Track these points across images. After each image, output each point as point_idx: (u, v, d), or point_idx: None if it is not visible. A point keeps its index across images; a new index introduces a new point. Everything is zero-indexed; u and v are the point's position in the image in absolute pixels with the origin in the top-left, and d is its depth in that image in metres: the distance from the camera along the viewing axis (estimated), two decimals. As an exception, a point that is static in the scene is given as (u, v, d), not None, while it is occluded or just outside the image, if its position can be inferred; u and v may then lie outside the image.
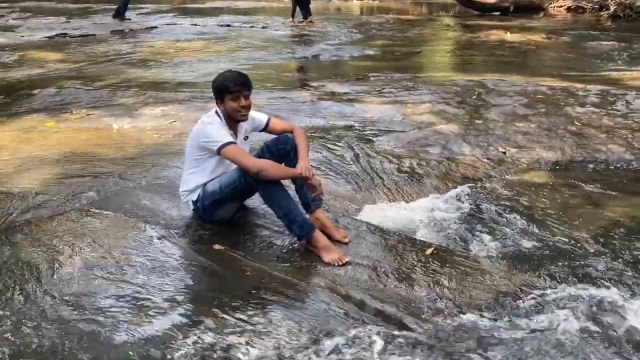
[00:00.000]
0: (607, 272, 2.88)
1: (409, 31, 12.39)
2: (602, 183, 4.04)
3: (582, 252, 3.10)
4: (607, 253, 3.10)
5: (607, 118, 5.08)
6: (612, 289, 2.68)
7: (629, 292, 2.67)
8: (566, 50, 9.62)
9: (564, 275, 2.86)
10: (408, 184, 3.96)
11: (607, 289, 2.68)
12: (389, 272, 2.74)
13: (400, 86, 6.51)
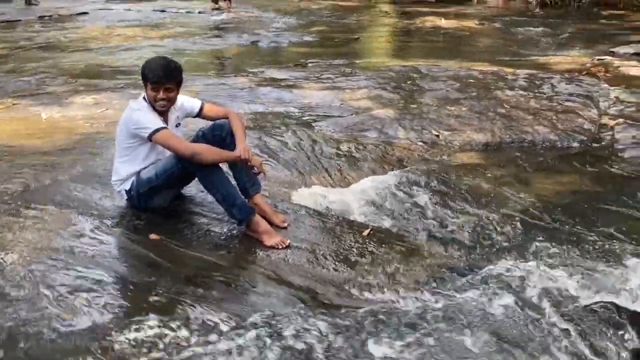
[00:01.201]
0: (536, 247, 3.06)
1: (347, 18, 12.46)
2: (529, 162, 4.25)
3: (512, 229, 3.27)
4: (536, 229, 3.28)
5: (534, 101, 5.33)
6: (541, 263, 2.84)
7: (556, 265, 2.84)
8: (497, 36, 9.97)
9: (496, 252, 3.02)
10: (346, 167, 4.02)
11: (537, 263, 2.84)
12: (327, 254, 2.79)
13: (339, 72, 6.57)
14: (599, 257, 2.94)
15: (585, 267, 2.85)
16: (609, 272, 2.80)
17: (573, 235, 3.18)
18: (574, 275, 2.76)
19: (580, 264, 2.86)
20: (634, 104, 5.41)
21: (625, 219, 3.38)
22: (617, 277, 2.73)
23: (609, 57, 7.50)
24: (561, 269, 2.81)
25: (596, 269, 2.82)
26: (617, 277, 2.73)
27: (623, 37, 9.35)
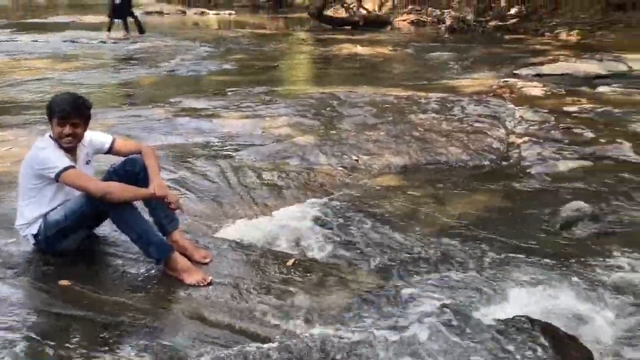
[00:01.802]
0: (454, 266, 3.16)
1: (265, 45, 12.57)
2: (444, 182, 4.43)
3: (432, 250, 3.36)
4: (453, 247, 3.39)
5: (445, 123, 5.57)
6: (459, 281, 2.94)
7: (476, 282, 2.95)
8: (410, 62, 10.41)
9: (416, 273, 3.09)
10: (269, 196, 4.00)
11: (455, 281, 2.93)
12: (251, 288, 2.73)
13: (259, 100, 6.58)
14: (512, 270, 3.09)
15: (501, 281, 2.99)
16: (523, 285, 2.94)
17: (487, 251, 3.31)
18: (490, 290, 2.88)
19: (494, 279, 2.98)
20: (537, 122, 5.78)
21: (533, 233, 3.57)
22: (529, 290, 2.87)
23: (512, 79, 8.02)
24: (477, 285, 2.93)
25: (511, 282, 2.96)
26: (530, 290, 2.87)
27: (524, 59, 10.04)
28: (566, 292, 2.88)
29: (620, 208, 3.93)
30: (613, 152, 4.96)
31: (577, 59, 9.51)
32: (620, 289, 2.92)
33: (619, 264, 3.17)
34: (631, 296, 2.85)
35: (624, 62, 9.15)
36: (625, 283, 2.97)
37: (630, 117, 5.90)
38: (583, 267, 3.13)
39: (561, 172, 4.57)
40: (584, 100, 6.73)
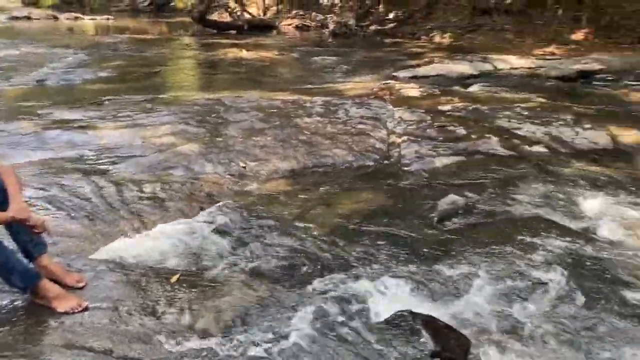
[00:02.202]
0: (341, 267, 3.21)
1: (147, 51, 12.08)
2: (331, 184, 4.50)
3: (319, 253, 3.39)
4: (341, 247, 3.45)
5: (330, 126, 5.68)
6: (345, 283, 2.99)
7: (364, 280, 3.02)
8: (296, 66, 10.52)
9: (304, 278, 3.10)
10: (151, 210, 3.82)
11: (342, 287, 2.98)
12: (132, 309, 2.58)
13: (139, 109, 6.28)
14: (397, 265, 3.21)
15: (387, 277, 3.09)
16: (407, 278, 3.06)
17: (373, 248, 3.42)
18: (377, 287, 2.97)
19: (381, 275, 3.07)
20: (415, 122, 6.07)
21: (414, 227, 3.74)
22: (413, 283, 2.99)
23: (392, 81, 8.38)
24: (365, 283, 3.00)
25: (396, 277, 3.07)
26: (413, 283, 3.00)
27: (402, 62, 10.54)
28: (447, 283, 3.04)
29: (490, 199, 4.24)
30: (483, 147, 5.34)
31: (450, 61, 10.14)
32: (496, 276, 3.13)
33: (492, 251, 3.40)
34: (507, 281, 3.07)
35: (490, 63, 9.91)
36: (499, 270, 3.20)
37: (497, 114, 6.38)
38: (459, 257, 3.32)
39: (437, 168, 4.83)
40: (457, 99, 7.19)
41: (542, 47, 11.84)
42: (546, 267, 3.18)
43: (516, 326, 2.67)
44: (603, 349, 2.53)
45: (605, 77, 9.30)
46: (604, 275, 3.15)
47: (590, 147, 5.54)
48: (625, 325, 2.70)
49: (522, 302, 2.87)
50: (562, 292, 2.95)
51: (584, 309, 2.83)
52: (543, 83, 8.74)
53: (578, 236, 3.59)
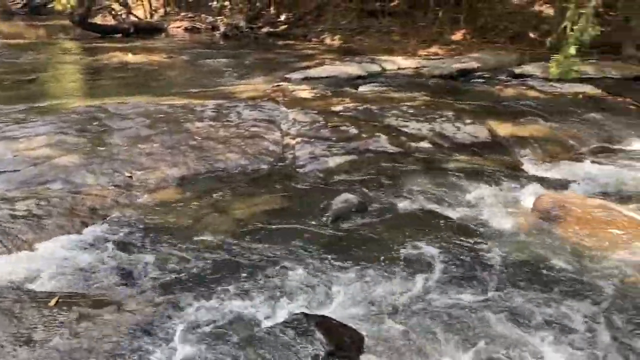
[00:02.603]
0: (240, 270, 3.15)
1: (21, 57, 11.17)
2: (224, 190, 4.40)
3: (213, 260, 3.30)
4: (235, 255, 3.38)
5: (223, 130, 5.56)
6: (244, 285, 2.93)
7: (260, 284, 2.97)
8: (186, 69, 10.22)
9: (197, 289, 2.99)
10: (26, 229, 3.51)
11: (235, 294, 2.92)
12: (3, 340, 2.35)
13: (10, 120, 5.77)
14: (292, 268, 3.20)
15: (281, 280, 3.07)
16: (302, 281, 3.06)
17: (269, 253, 3.38)
18: (271, 292, 2.94)
19: (275, 279, 3.05)
20: (308, 123, 6.12)
21: (309, 229, 3.75)
22: (306, 285, 3.00)
23: (284, 83, 8.39)
24: (258, 289, 2.96)
25: (291, 280, 3.06)
26: (307, 285, 3.00)
27: (294, 64, 10.61)
28: (342, 281, 3.08)
29: (381, 195, 4.36)
30: (373, 145, 5.49)
31: (340, 62, 10.36)
32: (386, 270, 3.21)
33: (383, 246, 3.49)
34: (397, 274, 3.16)
35: (378, 64, 10.26)
36: (389, 263, 3.29)
37: (385, 113, 6.60)
38: (353, 254, 3.39)
39: (331, 167, 4.89)
40: (348, 99, 7.34)
41: (426, 48, 12.46)
42: (431, 257, 3.32)
43: (405, 316, 2.75)
44: (475, 332, 2.68)
45: (482, 74, 9.96)
46: (482, 261, 3.34)
47: (471, 141, 5.88)
48: (501, 307, 2.88)
49: (408, 293, 2.97)
50: (445, 280, 3.09)
51: (466, 294, 2.99)
52: (427, 82, 9.18)
53: (460, 225, 3.80)
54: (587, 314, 2.78)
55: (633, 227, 3.59)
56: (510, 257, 3.37)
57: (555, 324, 2.71)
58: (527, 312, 2.80)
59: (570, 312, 2.80)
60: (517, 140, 5.86)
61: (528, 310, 2.82)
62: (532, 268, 3.25)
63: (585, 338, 2.62)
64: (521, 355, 2.50)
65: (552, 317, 2.77)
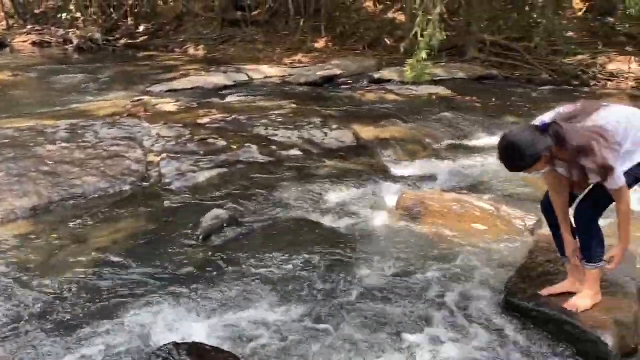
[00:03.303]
0: (107, 304, 2.93)
1: None
2: (83, 217, 4.08)
3: (79, 293, 3.05)
4: (94, 287, 3.14)
5: (79, 151, 5.16)
6: (112, 318, 2.72)
7: (129, 314, 2.78)
8: (34, 87, 9.39)
9: (67, 327, 2.74)
10: None
11: (106, 322, 2.70)
12: None
13: None
14: (162, 294, 3.04)
15: (154, 307, 2.90)
16: (171, 306, 2.92)
17: (137, 279, 3.19)
18: (141, 320, 2.77)
19: (146, 307, 2.87)
20: (173, 137, 5.89)
21: (179, 250, 3.60)
22: (179, 309, 2.86)
23: (147, 97, 8.02)
24: (130, 321, 2.78)
25: (161, 305, 2.90)
26: (179, 309, 2.87)
27: (157, 76, 10.22)
28: (214, 303, 2.98)
29: (253, 207, 4.32)
30: (244, 156, 5.43)
31: (205, 73, 10.17)
32: (263, 285, 3.17)
33: (257, 259, 3.45)
34: (275, 290, 3.14)
35: (244, 73, 10.23)
36: (267, 278, 3.26)
37: (254, 122, 6.57)
38: (225, 272, 3.30)
39: (200, 183, 4.75)
40: (215, 111, 7.20)
41: (291, 56, 12.68)
42: (303, 267, 3.35)
43: (279, 332, 2.74)
44: (346, 339, 2.75)
45: (345, 80, 10.35)
46: (350, 265, 3.43)
47: (338, 146, 6.06)
48: (368, 310, 2.98)
49: (281, 307, 2.96)
50: (316, 290, 3.13)
51: (337, 301, 3.05)
52: (294, 90, 9.33)
53: (330, 231, 3.88)
54: (441, 302, 2.96)
55: (485, 217, 3.92)
56: (376, 258, 3.49)
57: (418, 317, 2.86)
58: (393, 314, 2.91)
59: (432, 305, 2.96)
60: (380, 143, 6.15)
61: (393, 312, 2.93)
62: (397, 265, 3.40)
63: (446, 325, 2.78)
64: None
65: (416, 312, 2.91)
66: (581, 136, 2.25)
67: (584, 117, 2.33)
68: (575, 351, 2.45)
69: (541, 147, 2.25)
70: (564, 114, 2.37)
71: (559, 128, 2.26)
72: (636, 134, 2.41)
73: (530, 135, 2.28)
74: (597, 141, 2.25)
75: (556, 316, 2.52)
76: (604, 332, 2.38)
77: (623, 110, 2.49)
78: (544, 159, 2.29)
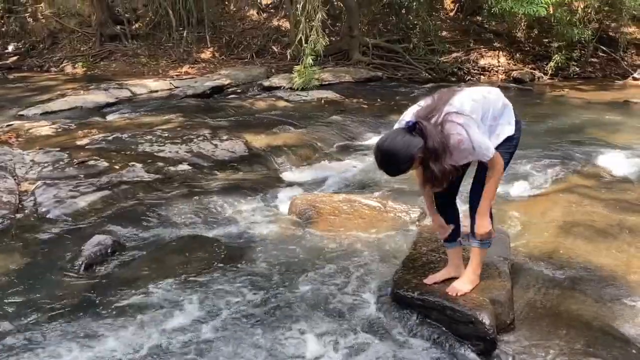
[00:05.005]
0: None
1: None
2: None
3: None
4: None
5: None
6: None
7: None
8: None
9: None
10: None
11: None
12: None
13: None
14: (37, 333, 2.81)
15: (35, 349, 2.68)
16: (45, 347, 2.72)
17: (8, 326, 2.92)
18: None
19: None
20: (50, 162, 5.50)
21: (56, 284, 3.36)
22: (59, 348, 2.67)
23: (19, 122, 7.43)
24: None
25: (34, 348, 2.69)
26: (59, 348, 2.67)
27: (31, 98, 9.50)
28: (98, 341, 2.81)
29: (141, 229, 4.14)
30: (128, 176, 5.18)
31: (84, 91, 9.61)
32: (154, 312, 3.04)
33: (145, 283, 3.30)
34: (164, 315, 3.01)
35: (127, 89, 9.80)
36: (160, 304, 3.12)
37: (138, 139, 6.31)
38: (110, 301, 3.13)
39: (81, 209, 4.47)
40: (95, 130, 6.83)
41: (177, 68, 12.35)
42: (193, 287, 3.26)
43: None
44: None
45: (234, 90, 10.27)
46: (239, 270, 3.40)
47: (230, 157, 5.98)
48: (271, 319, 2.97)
49: (169, 335, 2.86)
50: (208, 309, 3.06)
51: (234, 316, 3.00)
52: (181, 102, 9.09)
53: (224, 245, 3.81)
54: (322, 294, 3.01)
55: (372, 214, 4.04)
56: (266, 265, 3.48)
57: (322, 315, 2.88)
58: (285, 319, 2.92)
59: (321, 305, 3.00)
60: (272, 150, 6.16)
61: (285, 317, 2.93)
62: (288, 269, 3.41)
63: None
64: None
65: (306, 314, 2.94)
66: (434, 137, 2.34)
67: (441, 106, 2.46)
68: (458, 333, 2.58)
69: (414, 149, 2.32)
70: (423, 108, 2.49)
71: (421, 126, 2.36)
72: (495, 109, 2.60)
73: (401, 139, 2.34)
74: (446, 146, 2.35)
75: (438, 302, 2.64)
76: (480, 312, 2.53)
77: (477, 90, 2.66)
78: (418, 160, 2.37)
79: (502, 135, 2.62)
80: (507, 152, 2.64)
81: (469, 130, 2.40)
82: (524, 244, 3.74)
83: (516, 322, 2.76)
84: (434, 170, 2.36)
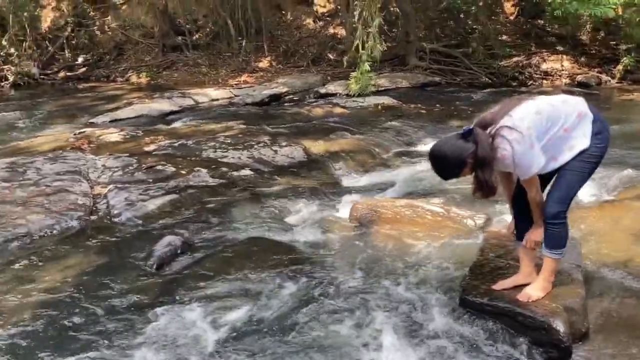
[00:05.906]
0: (61, 348, 2.81)
1: None
2: (30, 258, 3.91)
3: (29, 340, 2.92)
4: (54, 327, 3.03)
5: (20, 190, 4.97)
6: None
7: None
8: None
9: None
10: None
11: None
12: None
13: None
14: (118, 329, 2.95)
15: (107, 349, 2.82)
16: (127, 342, 2.84)
17: (92, 317, 3.08)
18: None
19: (101, 349, 2.78)
20: (120, 167, 5.76)
21: (132, 282, 3.51)
22: (134, 344, 2.79)
23: (89, 129, 7.82)
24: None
25: (117, 343, 2.82)
26: (135, 343, 2.79)
27: (100, 107, 9.99)
28: (176, 333, 2.92)
29: (207, 231, 4.27)
30: (194, 181, 5.36)
31: (149, 100, 10.01)
32: (227, 309, 3.13)
33: (213, 284, 3.40)
34: (229, 312, 3.10)
35: (190, 97, 10.13)
36: (220, 302, 3.21)
37: (202, 146, 6.51)
38: (180, 300, 3.24)
39: (151, 211, 4.65)
40: (161, 137, 7.09)
41: (236, 77, 12.66)
42: (260, 286, 3.33)
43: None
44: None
45: (292, 97, 10.43)
46: (307, 274, 3.44)
47: (289, 162, 6.07)
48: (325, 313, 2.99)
49: (242, 329, 2.93)
50: (275, 309, 3.12)
51: (298, 317, 3.04)
52: (241, 110, 9.31)
53: (286, 248, 3.87)
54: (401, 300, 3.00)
55: (436, 219, 4.00)
56: (332, 270, 3.51)
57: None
58: (353, 323, 2.93)
59: (390, 310, 3.00)
60: (330, 156, 6.21)
61: (353, 321, 2.95)
62: (354, 275, 3.42)
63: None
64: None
65: (375, 318, 2.94)
66: (485, 146, 2.37)
67: (501, 116, 2.45)
68: (531, 340, 2.52)
69: (464, 154, 2.37)
70: (485, 116, 2.49)
71: (476, 134, 2.38)
72: (568, 119, 2.53)
73: (453, 143, 2.41)
74: (492, 158, 2.37)
75: (509, 308, 2.59)
76: (554, 319, 2.46)
77: (548, 99, 2.60)
78: (470, 165, 2.40)
79: (576, 149, 2.56)
80: (586, 162, 2.56)
81: (516, 147, 2.38)
82: (595, 251, 3.60)
83: (591, 331, 2.67)
84: (480, 178, 2.37)
